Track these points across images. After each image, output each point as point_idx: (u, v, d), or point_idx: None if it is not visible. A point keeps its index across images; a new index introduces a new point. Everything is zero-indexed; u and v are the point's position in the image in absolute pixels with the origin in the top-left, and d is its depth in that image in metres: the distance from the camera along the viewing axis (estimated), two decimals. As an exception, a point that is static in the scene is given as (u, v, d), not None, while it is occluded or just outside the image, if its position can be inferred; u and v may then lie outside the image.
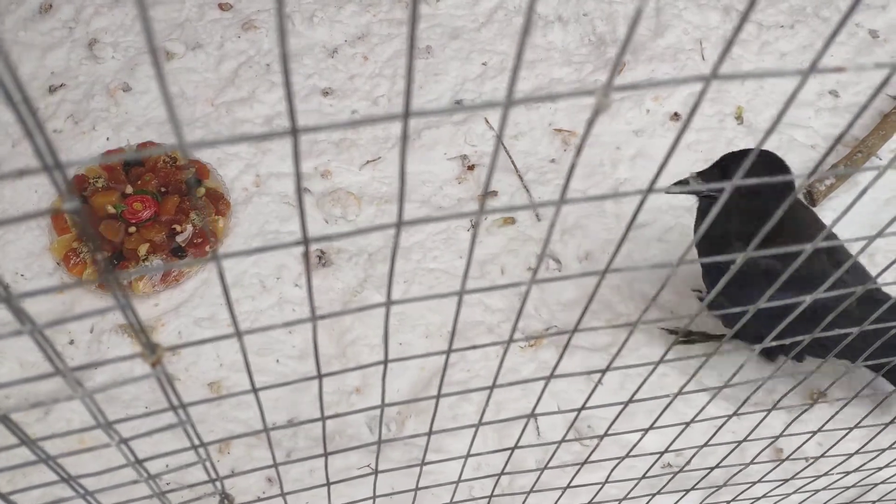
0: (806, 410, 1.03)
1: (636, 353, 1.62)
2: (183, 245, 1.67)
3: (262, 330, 0.52)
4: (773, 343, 0.67)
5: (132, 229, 1.67)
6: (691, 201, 1.75)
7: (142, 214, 1.69)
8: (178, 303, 1.65)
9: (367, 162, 1.91)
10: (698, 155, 1.87)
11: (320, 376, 0.63)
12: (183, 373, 1.60)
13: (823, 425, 1.03)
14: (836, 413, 1.02)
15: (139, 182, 1.73)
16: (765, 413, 0.90)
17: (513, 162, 1.92)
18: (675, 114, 1.96)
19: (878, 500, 1.46)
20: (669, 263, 0.54)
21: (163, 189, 1.74)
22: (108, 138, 1.84)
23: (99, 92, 1.90)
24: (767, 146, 1.90)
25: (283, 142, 1.89)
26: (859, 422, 1.05)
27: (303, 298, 1.69)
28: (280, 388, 1.67)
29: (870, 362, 0.84)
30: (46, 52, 1.97)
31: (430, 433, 0.81)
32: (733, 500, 1.40)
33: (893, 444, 1.21)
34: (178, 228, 1.69)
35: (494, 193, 1.89)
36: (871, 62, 2.07)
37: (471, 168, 1.93)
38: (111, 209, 1.69)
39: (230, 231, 1.74)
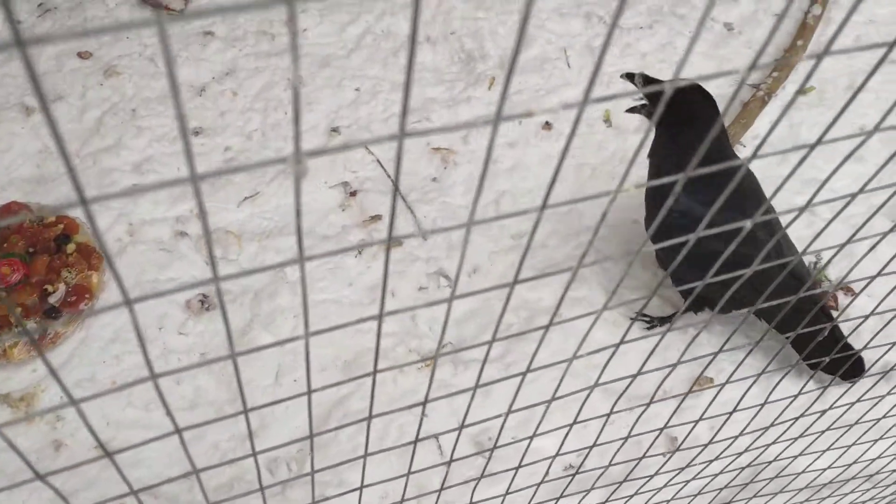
0: (686, 397, 1.06)
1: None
2: (57, 305, 1.61)
3: (174, 372, 0.50)
4: (692, 284, 0.64)
5: (1, 294, 1.60)
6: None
7: (11, 279, 1.62)
8: (57, 365, 1.58)
9: (245, 198, 1.88)
10: (570, 161, 1.92)
11: (246, 411, 0.61)
12: (69, 438, 1.53)
13: (706, 410, 1.06)
14: (717, 395, 1.05)
15: (6, 244, 1.66)
16: (645, 406, 0.92)
17: (394, 182, 1.92)
18: (547, 123, 2.00)
19: (776, 477, 1.52)
20: (610, 192, 0.55)
21: (31, 250, 1.67)
22: (-33, 204, 1.76)
23: (-48, 154, 1.82)
24: (631, 147, 1.96)
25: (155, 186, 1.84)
26: (737, 404, 1.08)
27: (189, 346, 1.64)
28: (171, 440, 1.62)
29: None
30: None
31: (312, 473, 0.80)
32: (636, 493, 1.43)
33: (777, 420, 1.25)
34: (50, 289, 1.62)
35: (378, 218, 1.89)
36: (727, 54, 2.17)
37: (353, 194, 1.92)
38: (-26, 276, 1.61)
39: (105, 285, 1.68)
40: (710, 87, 2.09)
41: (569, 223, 1.84)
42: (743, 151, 1.96)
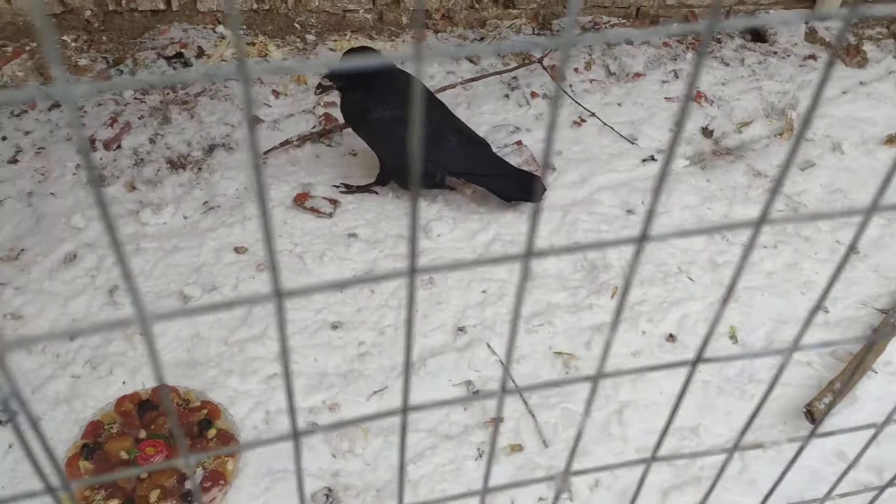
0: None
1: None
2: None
3: None
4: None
5: (144, 475, 1.69)
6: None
7: (154, 459, 1.71)
8: (186, 550, 1.63)
9: (374, 392, 1.96)
10: (697, 375, 1.92)
11: None
12: None
13: None
14: None
15: (153, 426, 1.77)
16: None
17: (517, 387, 1.96)
18: (671, 335, 2.03)
19: None
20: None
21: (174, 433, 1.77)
22: (124, 382, 1.90)
23: (117, 337, 1.99)
24: (764, 366, 1.95)
25: (294, 376, 1.95)
26: None
27: (311, 540, 1.67)
28: None
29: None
30: (69, 300, 2.09)
31: None
32: None
33: None
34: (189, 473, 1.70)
35: (501, 420, 1.92)
36: (854, 277, 2.17)
37: (476, 394, 1.97)
38: (124, 455, 1.71)
39: (240, 472, 1.75)
40: (837, 310, 2.09)
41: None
42: (875, 378, 1.92)
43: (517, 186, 2.31)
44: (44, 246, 2.23)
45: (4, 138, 2.55)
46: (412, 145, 0.37)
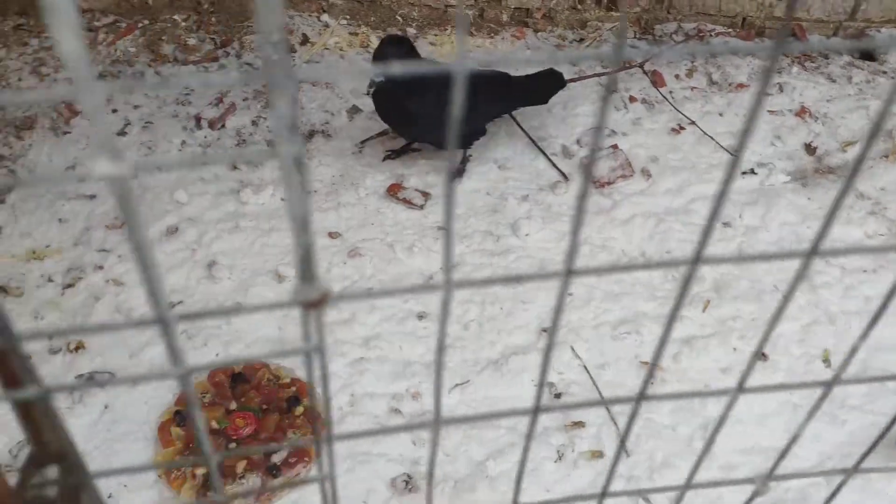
0: None
1: None
2: (279, 464, 1.73)
3: None
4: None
5: (232, 445, 1.74)
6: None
7: (243, 431, 1.77)
8: (269, 521, 1.68)
9: (456, 385, 1.97)
10: (787, 396, 1.87)
11: None
12: None
13: None
14: None
15: (243, 399, 1.83)
16: None
17: (599, 392, 1.95)
18: (763, 353, 1.99)
19: None
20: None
21: (264, 406, 1.82)
22: (217, 354, 1.97)
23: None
24: (858, 392, 1.89)
25: (380, 362, 1.98)
26: None
27: (389, 524, 1.69)
28: None
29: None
30: (169, 271, 2.16)
31: None
32: None
33: None
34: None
35: (581, 424, 1.91)
36: (959, 308, 2.08)
37: (558, 396, 1.97)
38: (215, 424, 1.77)
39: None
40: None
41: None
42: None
43: (544, 90, 2.51)
44: (147, 217, 2.31)
45: (115, 111, 2.65)
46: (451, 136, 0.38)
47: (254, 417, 1.80)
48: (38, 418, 0.47)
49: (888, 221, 2.34)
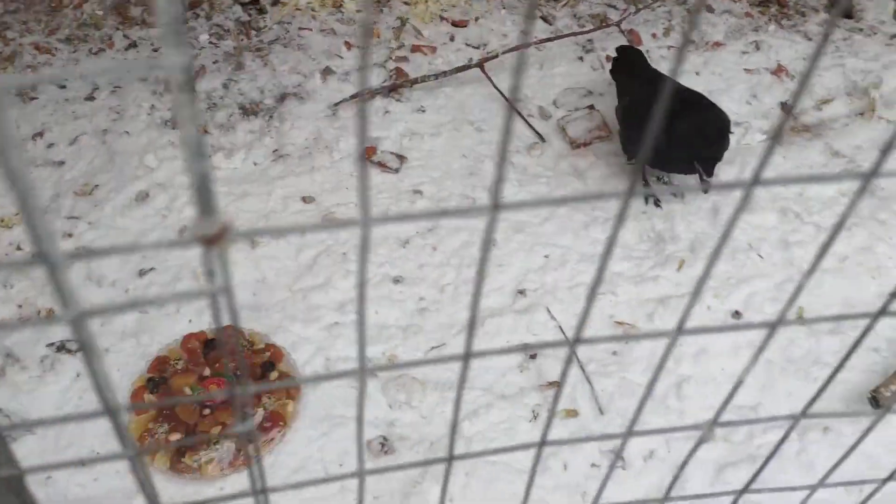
0: None
1: None
2: (254, 429, 1.72)
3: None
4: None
5: (206, 411, 1.73)
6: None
7: (216, 398, 1.76)
8: (243, 487, 1.68)
9: (433, 348, 1.97)
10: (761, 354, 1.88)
11: None
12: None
13: None
14: None
15: (217, 365, 1.81)
16: None
17: (575, 355, 1.95)
18: (737, 311, 2.00)
19: None
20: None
21: (238, 373, 1.81)
22: (190, 320, 1.95)
23: (186, 276, 2.03)
24: (830, 349, 1.91)
25: (354, 326, 1.97)
26: None
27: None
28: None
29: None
30: (139, 238, 2.14)
31: None
32: None
33: None
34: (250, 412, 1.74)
35: (556, 384, 1.92)
36: (931, 265, 2.10)
37: (532, 357, 1.97)
38: (188, 391, 1.76)
39: (299, 414, 1.79)
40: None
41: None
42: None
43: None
44: (116, 183, 2.28)
45: (82, 76, 2.59)
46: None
47: (227, 383, 1.78)
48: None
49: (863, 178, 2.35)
